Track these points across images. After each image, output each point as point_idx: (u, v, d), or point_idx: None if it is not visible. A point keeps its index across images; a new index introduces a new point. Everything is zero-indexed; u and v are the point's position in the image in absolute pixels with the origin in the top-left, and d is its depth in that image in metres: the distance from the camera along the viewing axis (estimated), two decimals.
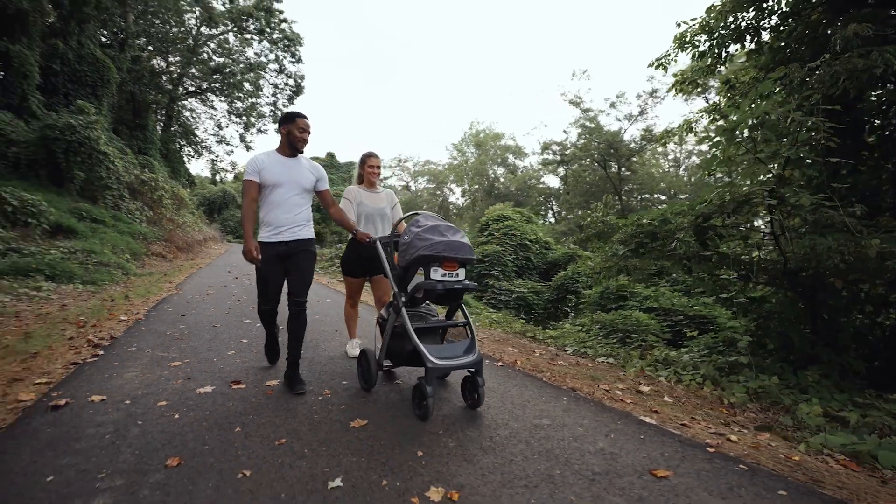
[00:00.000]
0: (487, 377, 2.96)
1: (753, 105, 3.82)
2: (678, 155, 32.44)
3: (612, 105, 30.75)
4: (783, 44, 5.51)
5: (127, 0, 19.71)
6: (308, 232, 2.86)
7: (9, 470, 1.68)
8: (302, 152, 2.87)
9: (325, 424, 2.23)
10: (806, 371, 3.55)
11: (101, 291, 6.91)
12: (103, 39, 18.28)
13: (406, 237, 2.50)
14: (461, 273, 2.47)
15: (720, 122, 5.23)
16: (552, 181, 39.21)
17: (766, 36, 5.98)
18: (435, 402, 2.52)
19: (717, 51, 6.37)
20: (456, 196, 47.17)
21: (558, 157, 33.64)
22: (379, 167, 3.47)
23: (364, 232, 2.95)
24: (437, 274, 2.39)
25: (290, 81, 29.17)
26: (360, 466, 1.81)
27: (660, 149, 32.78)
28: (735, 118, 3.83)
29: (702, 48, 6.49)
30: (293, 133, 2.75)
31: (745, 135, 3.79)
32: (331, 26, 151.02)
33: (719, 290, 4.65)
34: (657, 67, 6.96)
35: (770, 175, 3.98)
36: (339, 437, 2.09)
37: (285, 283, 2.84)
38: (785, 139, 3.84)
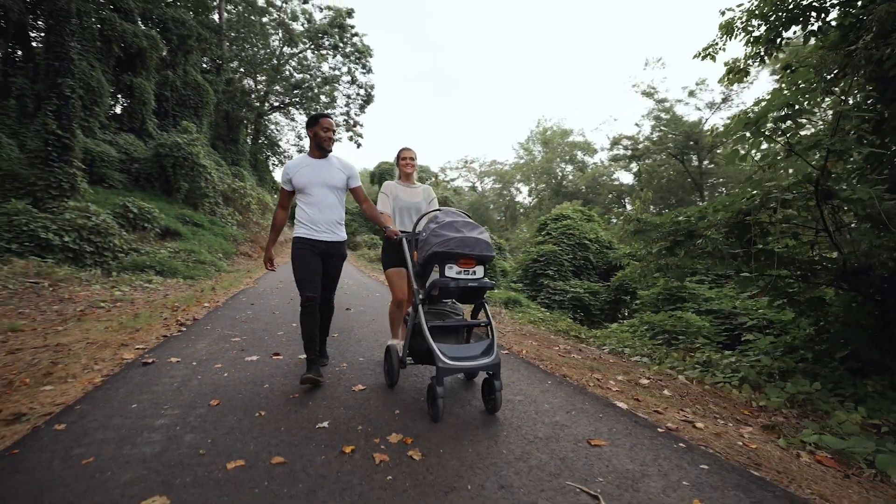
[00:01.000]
0: None
1: (782, 94, 3.64)
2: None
3: (691, 94, 28.72)
4: (856, 20, 5.03)
5: (222, 29, 22.53)
6: (342, 233, 2.98)
7: (110, 399, 2.43)
8: (331, 151, 2.91)
9: (333, 387, 2.77)
10: (866, 380, 3.37)
11: (196, 284, 8.27)
12: (203, 66, 21.10)
13: (424, 234, 2.49)
14: (479, 271, 2.41)
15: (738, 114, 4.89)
16: (626, 178, 37.37)
17: (833, 14, 5.53)
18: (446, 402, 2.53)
19: (771, 35, 5.99)
20: (523, 195, 46.66)
21: (629, 152, 32.09)
22: (412, 159, 3.46)
23: (393, 229, 2.93)
24: (451, 271, 2.35)
25: (361, 91, 31.24)
26: (345, 416, 2.31)
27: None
28: (758, 109, 3.71)
29: (756, 33, 6.14)
30: (319, 134, 2.82)
31: (772, 126, 3.66)
32: (399, 40, 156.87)
33: (773, 291, 4.30)
34: (703, 58, 6.67)
35: (810, 170, 3.75)
36: (340, 395, 2.61)
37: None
38: (824, 129, 3.63)
